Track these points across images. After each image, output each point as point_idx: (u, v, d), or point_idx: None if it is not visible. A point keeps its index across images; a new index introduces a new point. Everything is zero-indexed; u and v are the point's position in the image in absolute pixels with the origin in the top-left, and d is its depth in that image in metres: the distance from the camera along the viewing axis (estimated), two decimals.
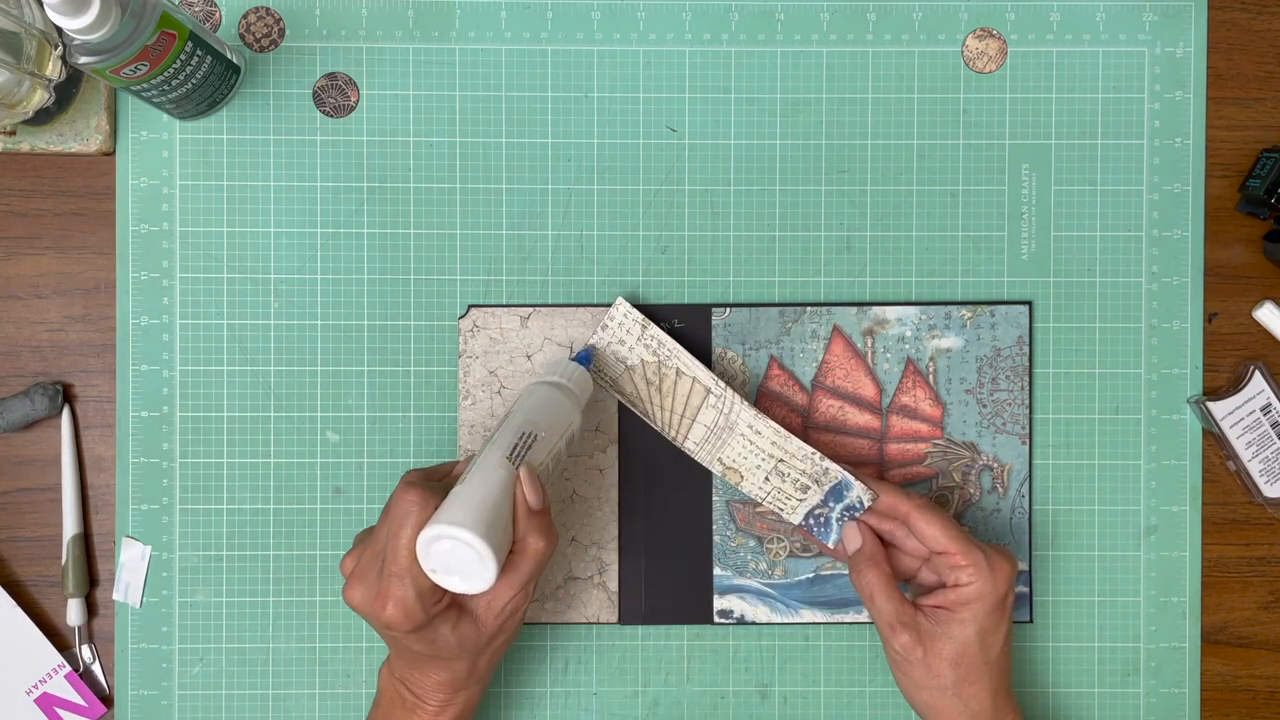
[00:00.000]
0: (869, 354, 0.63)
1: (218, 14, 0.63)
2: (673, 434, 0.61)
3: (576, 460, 0.63)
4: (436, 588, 0.50)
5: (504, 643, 0.55)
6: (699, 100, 0.63)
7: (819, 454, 0.59)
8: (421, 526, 0.49)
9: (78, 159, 0.63)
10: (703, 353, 0.63)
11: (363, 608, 0.51)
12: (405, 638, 0.52)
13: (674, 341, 0.60)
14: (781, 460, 0.60)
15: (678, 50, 0.63)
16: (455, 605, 0.52)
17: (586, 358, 0.60)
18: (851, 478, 0.58)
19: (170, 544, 0.63)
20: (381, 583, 0.51)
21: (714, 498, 0.63)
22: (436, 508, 0.50)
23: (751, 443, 0.60)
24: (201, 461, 0.63)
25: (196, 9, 0.63)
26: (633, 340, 0.61)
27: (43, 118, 0.61)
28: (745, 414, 0.60)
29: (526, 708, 0.63)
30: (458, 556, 0.49)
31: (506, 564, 0.51)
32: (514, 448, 0.52)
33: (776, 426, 0.59)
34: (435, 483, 0.53)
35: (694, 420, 0.61)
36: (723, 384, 0.60)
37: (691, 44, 0.63)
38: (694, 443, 0.61)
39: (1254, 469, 0.63)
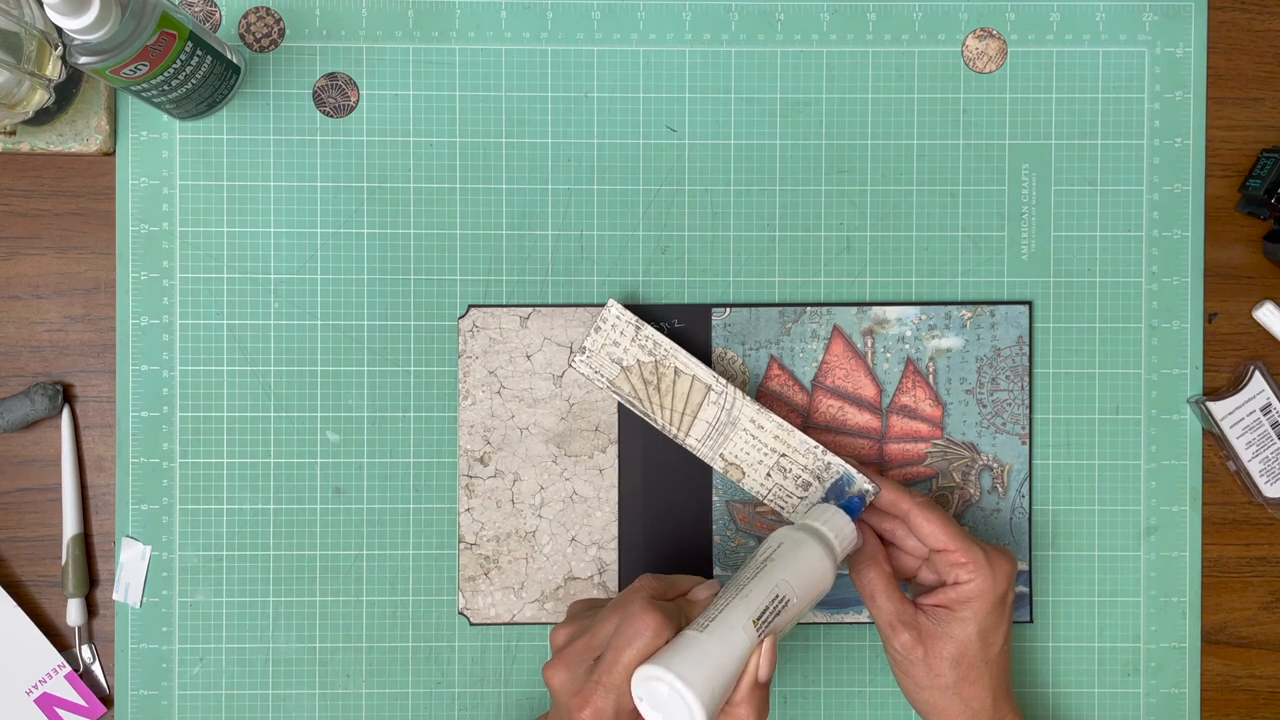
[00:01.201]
0: (869, 354, 0.63)
1: (218, 14, 0.63)
2: (674, 431, 0.61)
3: (576, 460, 0.63)
4: (637, 714, 0.50)
5: None
6: (699, 100, 0.63)
7: (821, 448, 0.59)
8: (648, 654, 0.49)
9: (78, 159, 0.63)
10: (703, 353, 0.63)
11: (560, 695, 0.51)
12: None
13: (670, 341, 0.60)
14: (784, 455, 0.60)
15: (678, 50, 0.63)
16: None
17: (856, 508, 0.56)
18: (853, 470, 0.58)
19: (170, 544, 0.63)
20: (588, 685, 0.50)
21: (714, 498, 0.63)
22: (670, 639, 0.49)
23: (754, 437, 0.60)
24: (201, 461, 0.63)
25: (196, 9, 0.63)
26: (627, 341, 0.61)
27: (43, 118, 0.61)
28: (747, 409, 0.60)
29: (526, 708, 0.63)
30: (671, 703, 0.48)
31: None
32: (764, 612, 0.50)
33: (779, 420, 0.59)
34: (673, 605, 0.52)
35: (695, 417, 0.61)
36: (723, 380, 0.60)
37: (691, 44, 0.63)
38: (695, 439, 0.61)
39: (1254, 469, 0.63)
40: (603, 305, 0.63)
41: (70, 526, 0.63)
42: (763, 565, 0.52)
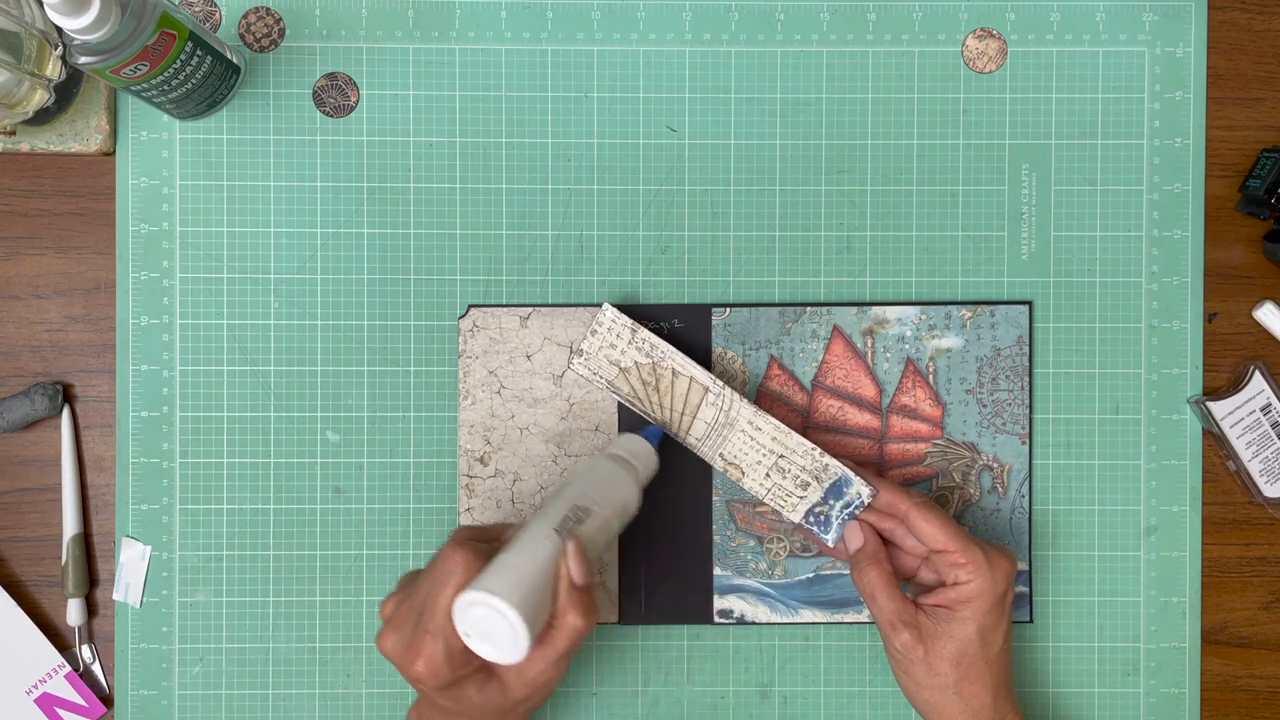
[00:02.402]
0: (869, 354, 0.63)
1: (218, 14, 0.63)
2: (674, 429, 0.61)
3: (576, 460, 0.63)
4: (468, 650, 0.50)
5: (530, 708, 0.54)
6: (699, 100, 0.63)
7: (819, 449, 0.59)
8: (462, 589, 0.49)
9: (78, 159, 0.63)
10: (703, 353, 0.63)
11: (393, 656, 0.51)
12: (431, 693, 0.51)
13: (666, 343, 0.60)
14: (782, 456, 0.60)
15: (678, 50, 0.63)
16: (485, 669, 0.52)
17: (655, 435, 0.59)
18: (851, 473, 0.58)
19: (170, 544, 0.63)
20: (415, 636, 0.50)
21: (714, 498, 0.63)
22: (481, 571, 0.50)
23: (752, 438, 0.60)
24: (201, 461, 0.63)
25: (196, 9, 0.63)
26: (623, 344, 0.61)
27: (43, 118, 0.61)
28: (745, 410, 0.60)
29: None
30: (493, 625, 0.48)
31: (541, 637, 0.51)
32: (564, 520, 0.52)
33: (776, 422, 0.59)
34: (483, 545, 0.52)
35: (694, 417, 0.61)
36: (720, 382, 0.60)
37: (691, 44, 0.63)
38: (695, 438, 0.61)
39: (1254, 469, 0.63)
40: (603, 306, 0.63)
41: (70, 526, 0.63)
42: (562, 486, 0.55)
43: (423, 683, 0.51)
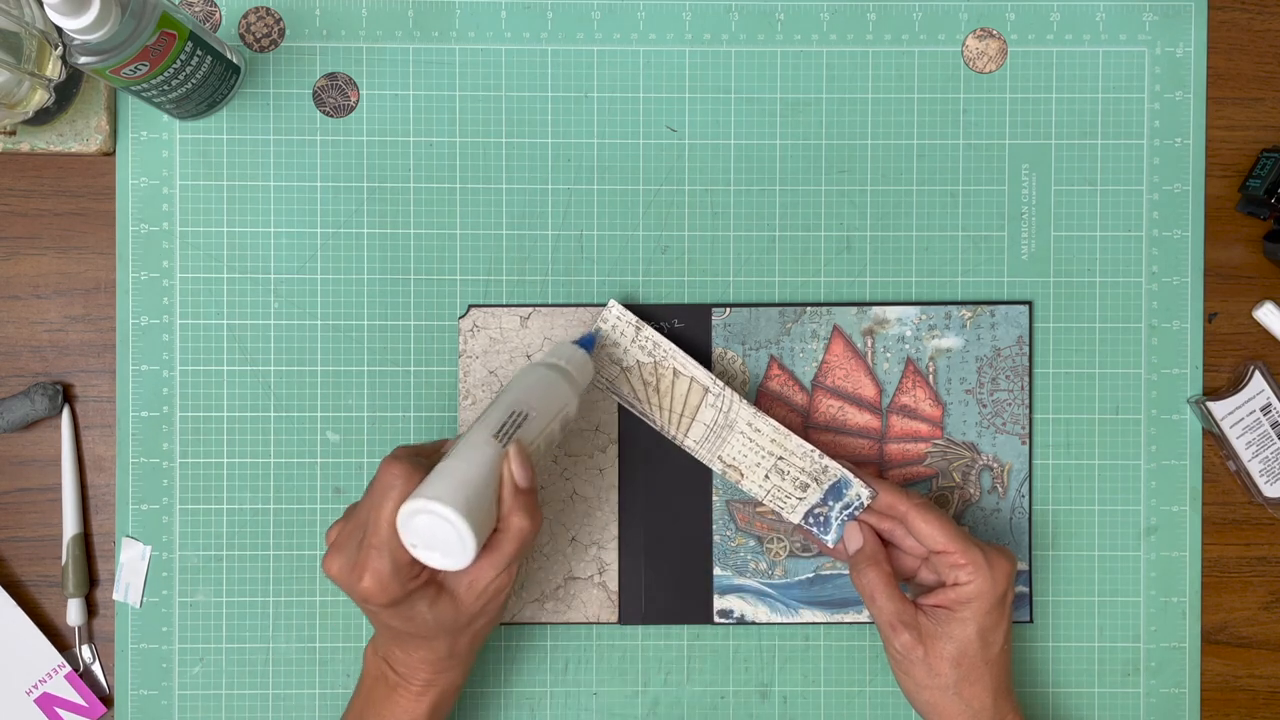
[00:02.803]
0: (869, 354, 0.63)
1: (218, 14, 0.63)
2: (673, 432, 0.61)
3: (576, 460, 0.63)
4: (415, 562, 0.50)
5: (485, 624, 0.54)
6: (699, 100, 0.63)
7: (818, 451, 0.59)
8: (403, 500, 0.49)
9: (78, 159, 0.63)
10: (703, 353, 0.63)
11: (340, 578, 0.51)
12: (382, 612, 0.51)
13: (669, 342, 0.60)
14: (781, 458, 0.60)
15: (678, 50, 0.63)
16: (435, 583, 0.52)
17: (590, 342, 0.59)
18: (850, 475, 0.58)
19: (170, 544, 0.63)
20: (360, 554, 0.50)
21: (714, 498, 0.63)
22: (421, 481, 0.50)
23: (751, 440, 0.60)
24: (201, 461, 0.63)
25: (196, 9, 0.63)
26: (627, 342, 0.61)
27: (43, 118, 0.61)
28: (744, 412, 0.60)
29: (526, 708, 0.63)
30: (437, 533, 0.48)
31: (489, 543, 0.51)
32: (503, 425, 0.52)
33: (775, 424, 0.59)
34: (423, 459, 0.52)
35: (693, 419, 0.61)
36: (720, 383, 0.60)
37: (691, 44, 0.63)
38: (694, 441, 0.61)
39: (1254, 469, 0.63)
40: (603, 305, 0.63)
41: (70, 526, 0.63)
42: (498, 396, 0.55)
43: (371, 600, 0.50)
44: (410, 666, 0.54)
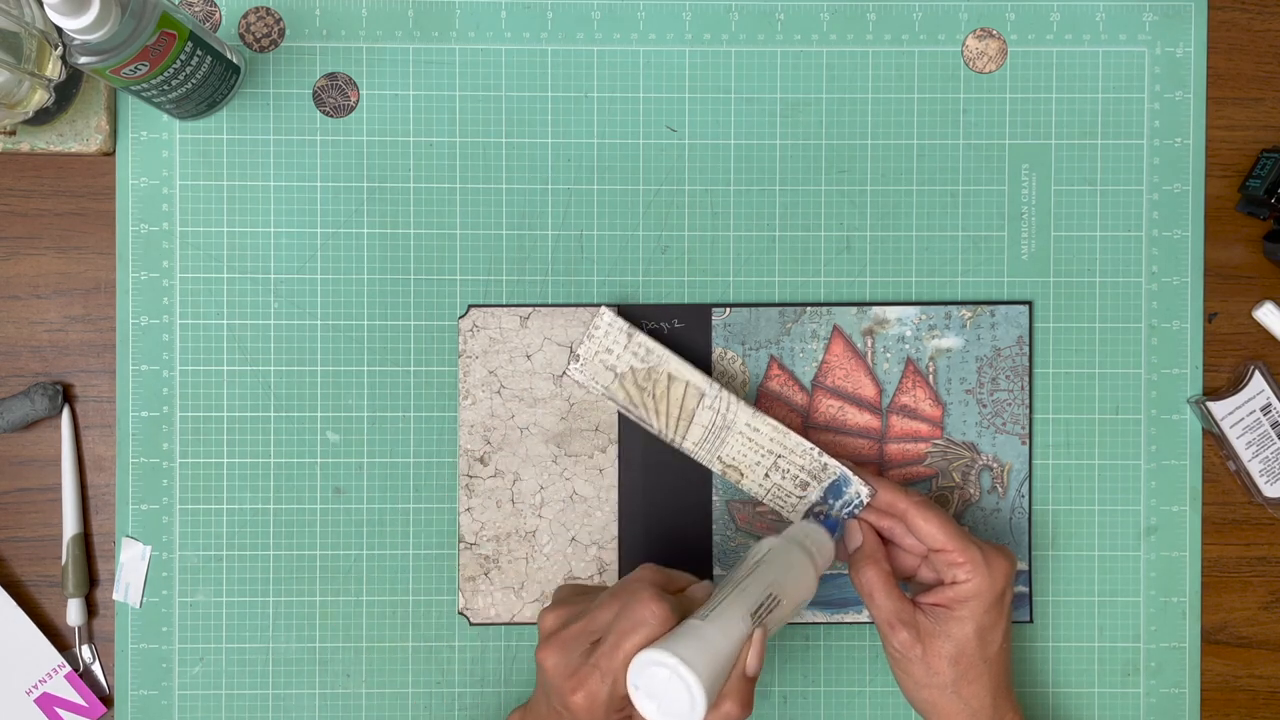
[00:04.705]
0: (869, 354, 0.63)
1: (218, 14, 0.63)
2: (671, 436, 0.61)
3: (576, 460, 0.63)
4: (627, 700, 0.50)
5: None
6: (699, 100, 0.63)
7: (817, 449, 0.59)
8: (650, 642, 0.49)
9: (78, 159, 0.63)
10: (703, 353, 0.63)
11: (554, 678, 0.51)
12: (570, 716, 0.51)
13: (662, 347, 0.60)
14: (780, 456, 0.60)
15: (678, 50, 0.63)
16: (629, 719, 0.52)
17: (835, 525, 0.58)
18: (849, 472, 0.58)
19: (170, 544, 0.63)
20: (584, 668, 0.50)
21: (714, 498, 0.63)
22: (671, 628, 0.49)
23: (750, 440, 0.60)
24: (201, 461, 0.63)
25: (196, 9, 0.63)
26: (619, 349, 0.61)
27: (43, 118, 0.61)
28: (743, 413, 0.60)
29: None
30: (668, 689, 0.48)
31: None
32: (760, 606, 0.51)
33: (774, 423, 0.59)
34: (675, 598, 0.52)
35: (691, 422, 0.61)
36: (717, 385, 0.60)
37: (691, 44, 0.63)
38: (693, 443, 0.61)
39: (1254, 469, 0.63)
40: (606, 306, 0.63)
41: (70, 526, 0.63)
42: (755, 566, 0.53)
43: (574, 714, 0.50)
44: None
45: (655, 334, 0.62)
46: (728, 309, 0.63)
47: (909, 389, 0.63)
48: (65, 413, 0.63)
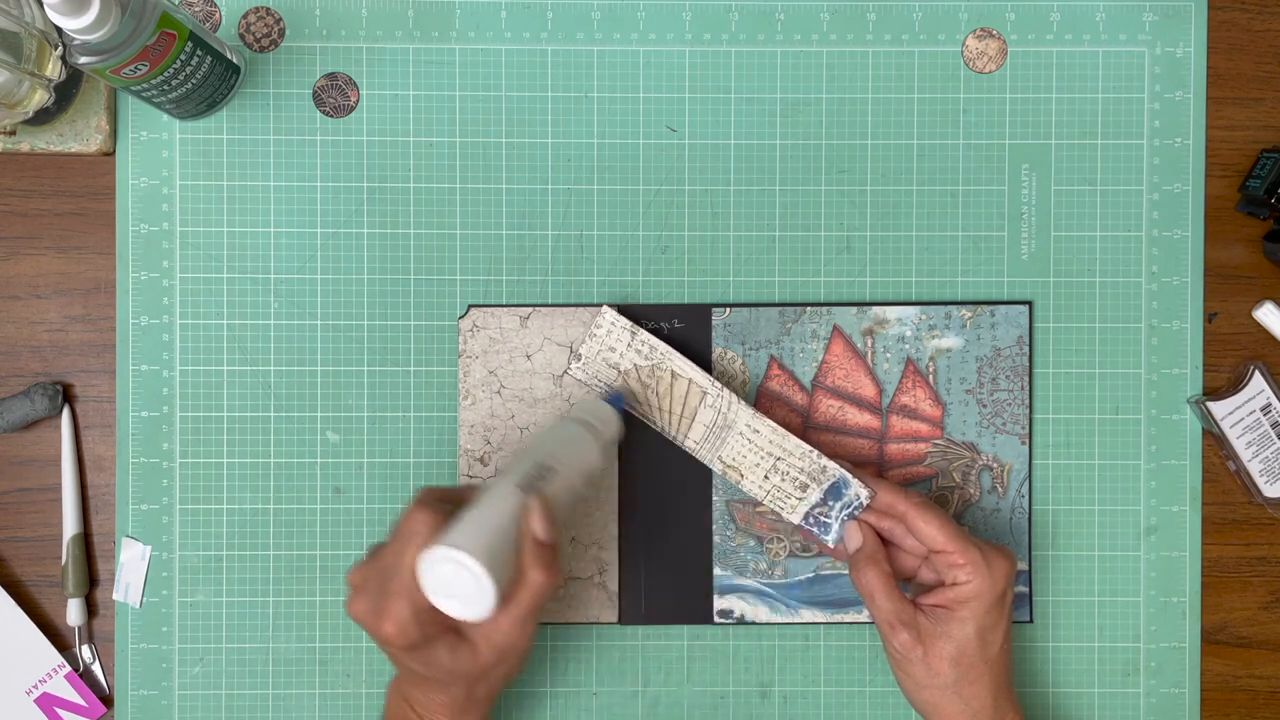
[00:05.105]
0: (869, 354, 0.63)
1: (218, 14, 0.63)
2: (673, 433, 0.61)
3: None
4: (435, 609, 0.50)
5: (503, 675, 0.54)
6: (699, 100, 0.63)
7: (817, 451, 0.59)
8: (426, 547, 0.49)
9: (78, 159, 0.63)
10: (703, 353, 0.63)
11: (363, 620, 0.52)
12: (403, 656, 0.52)
13: (665, 345, 0.60)
14: (780, 458, 0.60)
15: (678, 50, 0.63)
16: (454, 630, 0.52)
17: (618, 399, 0.60)
18: (849, 475, 0.59)
19: (170, 544, 0.63)
20: (383, 599, 0.51)
21: (714, 498, 0.63)
22: (444, 529, 0.50)
23: (750, 441, 0.60)
24: (201, 461, 0.63)
25: (196, 9, 0.63)
26: (623, 347, 0.61)
27: (43, 118, 0.61)
28: (743, 413, 0.60)
29: (526, 708, 0.63)
30: (458, 581, 0.48)
31: (507, 596, 0.51)
32: (528, 477, 0.52)
33: (774, 425, 0.60)
34: (448, 505, 0.53)
35: (693, 420, 0.61)
36: (719, 384, 0.60)
37: (691, 44, 0.63)
38: (694, 441, 0.61)
39: (1254, 469, 0.63)
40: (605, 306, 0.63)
41: (70, 526, 0.63)
42: (524, 448, 0.55)
43: (392, 644, 0.51)
44: (429, 709, 0.54)
45: (655, 334, 0.62)
46: (728, 309, 0.63)
47: (909, 389, 0.63)
48: (65, 413, 0.63)
